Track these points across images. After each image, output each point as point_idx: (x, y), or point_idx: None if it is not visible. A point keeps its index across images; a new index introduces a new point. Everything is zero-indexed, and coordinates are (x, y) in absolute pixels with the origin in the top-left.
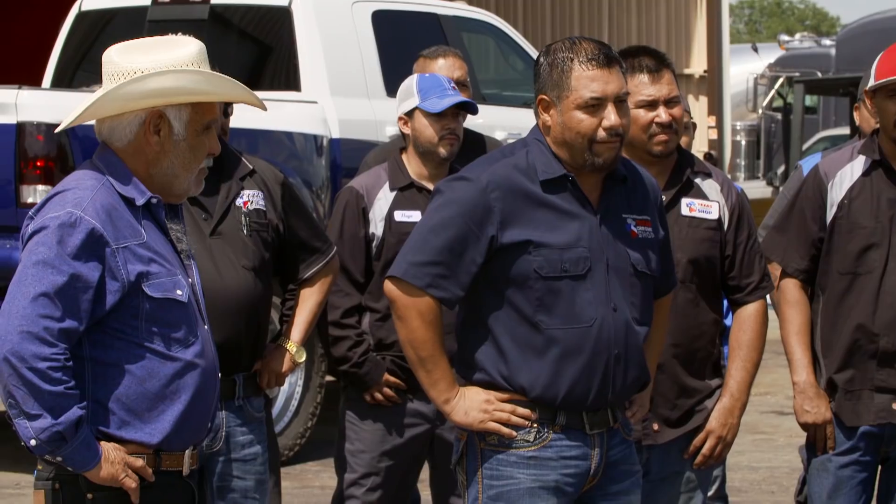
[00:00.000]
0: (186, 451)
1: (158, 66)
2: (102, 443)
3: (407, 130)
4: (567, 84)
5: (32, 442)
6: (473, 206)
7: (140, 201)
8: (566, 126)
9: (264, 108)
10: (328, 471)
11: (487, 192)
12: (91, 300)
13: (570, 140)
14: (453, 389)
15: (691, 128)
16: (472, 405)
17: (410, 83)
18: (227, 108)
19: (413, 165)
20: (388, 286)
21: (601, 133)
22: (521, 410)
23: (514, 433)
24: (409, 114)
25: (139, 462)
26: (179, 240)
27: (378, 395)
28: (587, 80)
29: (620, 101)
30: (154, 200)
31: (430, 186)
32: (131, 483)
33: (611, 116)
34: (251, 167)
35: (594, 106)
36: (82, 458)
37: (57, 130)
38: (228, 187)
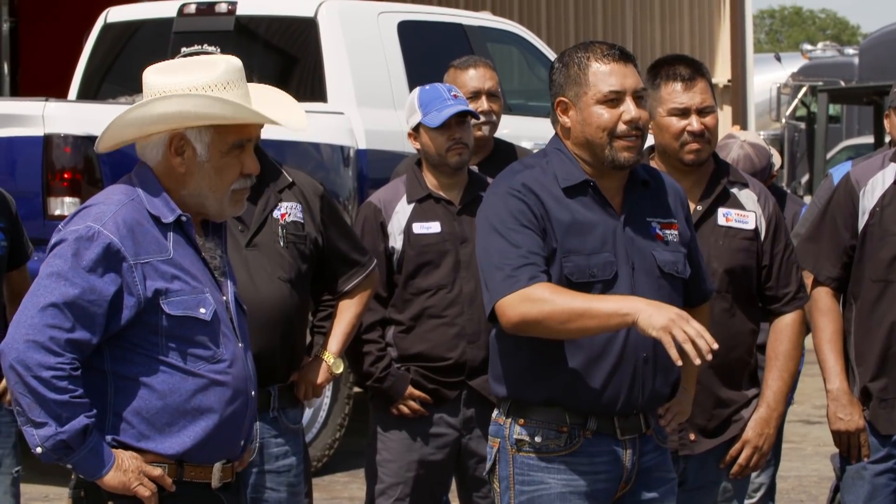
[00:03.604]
0: (216, 465)
1: (180, 89)
2: (119, 451)
3: (417, 145)
4: (585, 80)
5: (38, 449)
6: (519, 210)
7: (168, 219)
8: (586, 122)
9: (278, 124)
10: (357, 482)
11: (521, 196)
12: (105, 314)
13: (590, 137)
14: (629, 300)
15: (775, 164)
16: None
17: (412, 98)
18: None
19: (430, 177)
20: (505, 315)
21: (622, 126)
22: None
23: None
24: (416, 129)
25: (157, 471)
26: (213, 257)
27: (403, 408)
28: (605, 74)
29: (639, 97)
30: (184, 218)
31: (448, 196)
32: (144, 491)
33: (630, 109)
34: (290, 180)
35: (613, 100)
36: (91, 465)
37: (96, 149)
38: (266, 199)
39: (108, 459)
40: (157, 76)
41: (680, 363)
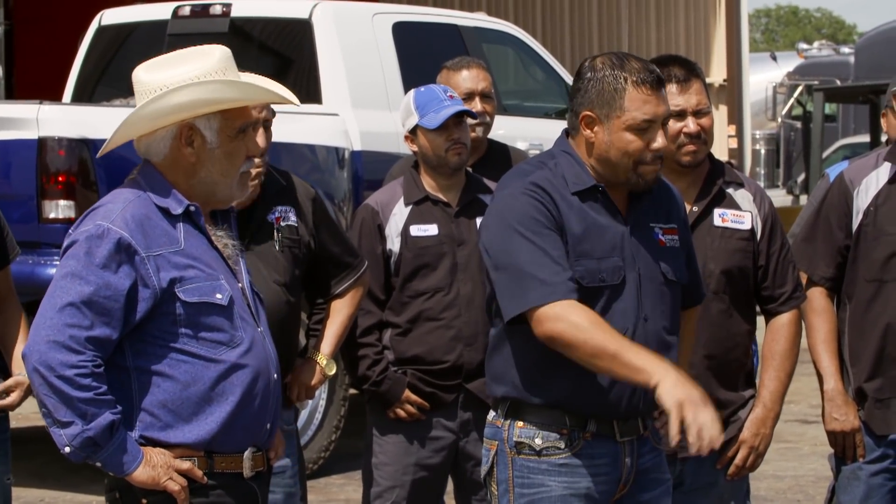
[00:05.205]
0: (246, 453)
1: (181, 80)
2: (148, 448)
3: (414, 147)
4: (620, 104)
5: (67, 449)
6: (538, 210)
7: (177, 210)
8: (613, 145)
9: (295, 103)
10: (352, 484)
11: (537, 196)
12: (123, 308)
13: (615, 159)
14: (660, 365)
15: None
16: (688, 386)
17: (408, 100)
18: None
19: (427, 179)
20: (541, 325)
21: (647, 155)
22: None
23: None
24: (413, 131)
25: (186, 464)
26: (226, 246)
27: (400, 412)
28: (641, 102)
29: (664, 123)
30: (192, 208)
31: (445, 199)
32: (174, 486)
33: (658, 139)
34: (283, 183)
35: (644, 128)
36: (119, 462)
37: (98, 155)
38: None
39: (136, 455)
40: (151, 73)
41: (674, 444)
